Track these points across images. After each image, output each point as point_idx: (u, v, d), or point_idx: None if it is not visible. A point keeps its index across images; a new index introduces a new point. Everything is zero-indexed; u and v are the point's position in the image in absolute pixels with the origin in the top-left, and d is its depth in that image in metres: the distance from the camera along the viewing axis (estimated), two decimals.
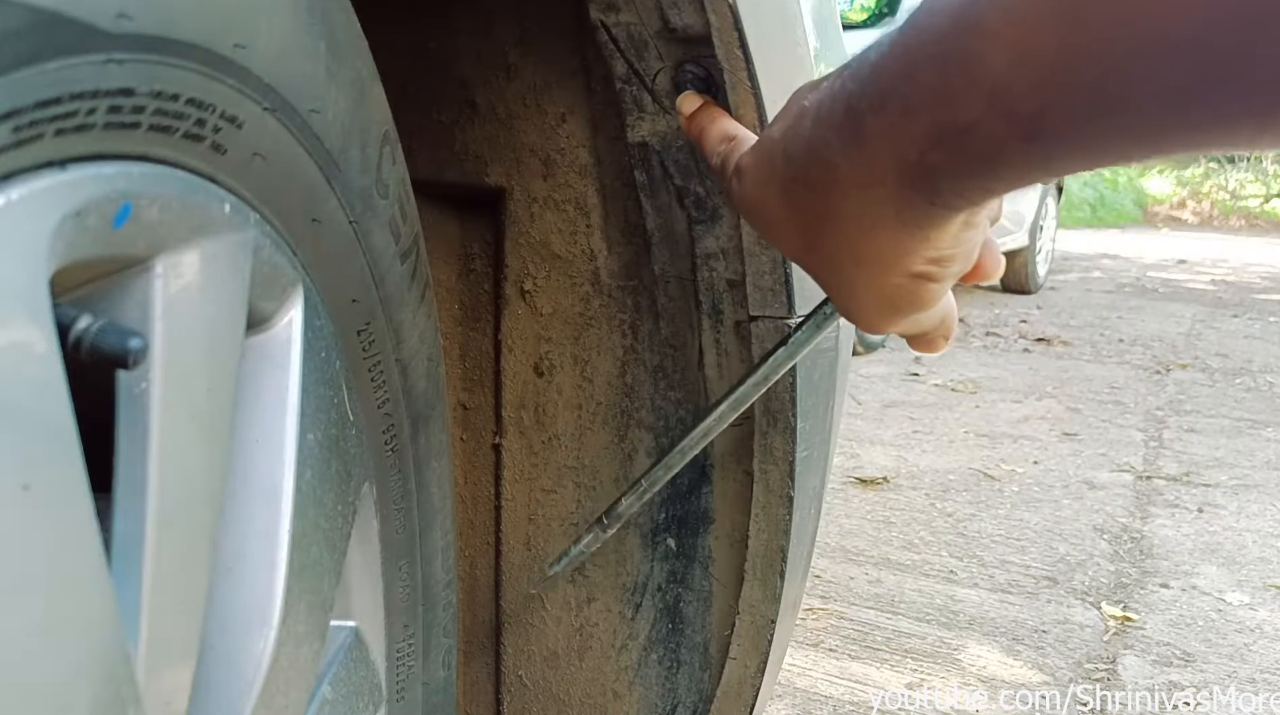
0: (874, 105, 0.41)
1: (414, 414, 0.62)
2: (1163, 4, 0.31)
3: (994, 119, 0.36)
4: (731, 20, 0.62)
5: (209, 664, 0.43)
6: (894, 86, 0.40)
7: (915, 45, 0.39)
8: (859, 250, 0.46)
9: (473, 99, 0.78)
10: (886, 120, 0.40)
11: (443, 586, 0.71)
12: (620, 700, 0.88)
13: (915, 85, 0.39)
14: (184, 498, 0.38)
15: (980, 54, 0.36)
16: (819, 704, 1.61)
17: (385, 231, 0.55)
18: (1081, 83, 0.34)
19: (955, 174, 0.40)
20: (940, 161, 0.39)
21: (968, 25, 0.36)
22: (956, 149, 0.38)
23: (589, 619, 0.87)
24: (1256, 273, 7.88)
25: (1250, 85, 0.30)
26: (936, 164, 0.40)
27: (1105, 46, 0.32)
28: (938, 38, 0.38)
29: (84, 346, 0.33)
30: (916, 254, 0.45)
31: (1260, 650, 1.84)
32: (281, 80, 0.41)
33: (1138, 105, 0.33)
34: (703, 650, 0.84)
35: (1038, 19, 0.34)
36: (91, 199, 0.32)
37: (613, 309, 0.80)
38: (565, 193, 0.79)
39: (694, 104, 0.63)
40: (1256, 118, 0.31)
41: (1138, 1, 0.31)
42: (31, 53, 0.28)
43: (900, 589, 2.04)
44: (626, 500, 0.62)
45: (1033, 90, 0.35)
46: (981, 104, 0.36)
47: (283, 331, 0.46)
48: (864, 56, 0.42)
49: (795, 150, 0.47)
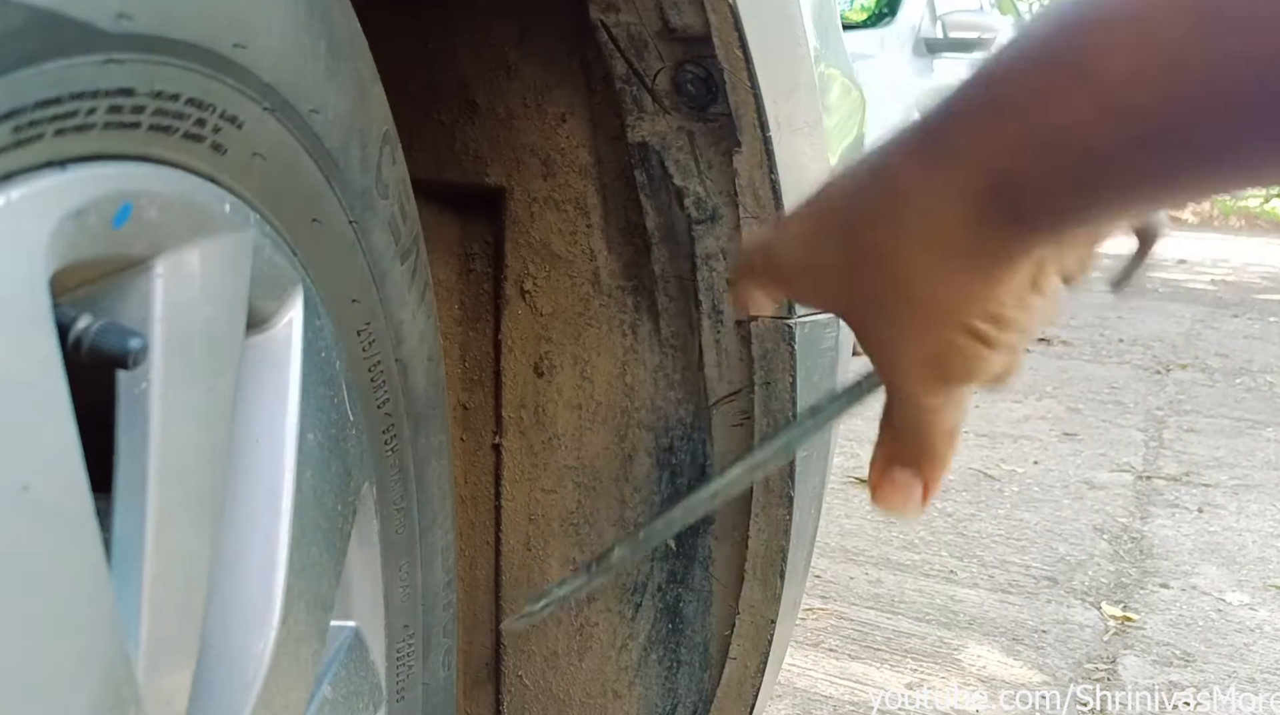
0: (958, 116, 0.37)
1: (414, 414, 0.62)
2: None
3: (1105, 121, 0.33)
4: (731, 20, 0.62)
5: (209, 664, 0.43)
6: (985, 93, 0.37)
7: (1013, 52, 0.36)
8: (915, 291, 0.41)
9: (473, 99, 0.78)
10: (973, 128, 0.37)
11: (443, 586, 0.71)
12: (620, 700, 0.88)
13: (1012, 87, 0.35)
14: (184, 498, 0.38)
15: (1096, 49, 0.32)
16: (819, 704, 1.61)
17: (385, 231, 0.55)
18: (1213, 81, 0.30)
19: (1048, 186, 0.36)
20: (1033, 170, 0.35)
21: (1080, 21, 0.33)
22: (1055, 155, 0.34)
23: (589, 619, 0.87)
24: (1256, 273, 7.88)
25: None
26: (1028, 173, 0.36)
27: (1244, 42, 0.29)
28: (1041, 40, 0.35)
29: (84, 346, 0.33)
30: (976, 303, 0.41)
31: (1260, 650, 1.84)
32: (281, 80, 0.41)
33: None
34: (703, 650, 0.84)
35: (1168, 11, 0.30)
36: (92, 199, 0.32)
37: (613, 309, 0.80)
38: (565, 193, 0.79)
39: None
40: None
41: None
42: (31, 53, 0.28)
43: (900, 589, 2.04)
44: (619, 550, 0.57)
45: (1155, 88, 0.31)
46: (1090, 104, 0.33)
47: (283, 331, 0.46)
48: (942, 95, 0.39)
49: (855, 181, 0.43)
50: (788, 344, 0.73)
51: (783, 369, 0.74)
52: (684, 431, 0.81)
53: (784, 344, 0.73)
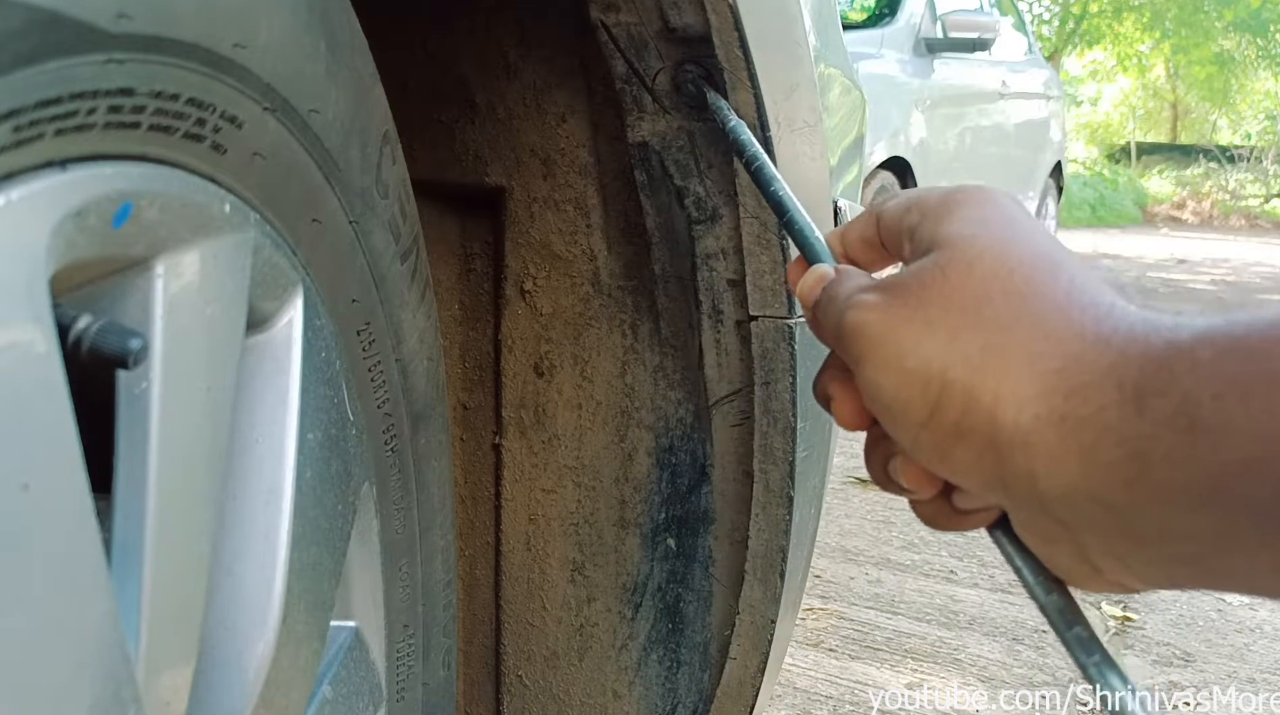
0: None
1: (414, 414, 0.62)
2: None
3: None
4: (731, 20, 0.62)
5: (209, 664, 0.43)
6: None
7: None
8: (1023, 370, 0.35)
9: (473, 99, 0.78)
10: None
11: (443, 586, 0.71)
12: (620, 700, 0.88)
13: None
14: (184, 498, 0.38)
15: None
16: (819, 704, 1.61)
17: (385, 231, 0.55)
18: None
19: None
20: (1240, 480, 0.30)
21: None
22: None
23: (589, 619, 0.87)
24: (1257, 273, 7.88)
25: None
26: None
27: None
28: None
29: (84, 346, 0.33)
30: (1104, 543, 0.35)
31: (1260, 650, 1.84)
32: (281, 80, 0.41)
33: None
34: (703, 650, 0.84)
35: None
36: (92, 199, 0.32)
37: (613, 309, 0.80)
38: (565, 193, 0.79)
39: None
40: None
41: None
42: (32, 52, 0.28)
43: (900, 589, 2.04)
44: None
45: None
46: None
47: (283, 331, 0.46)
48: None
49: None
50: (788, 344, 0.73)
51: (783, 369, 0.74)
52: (684, 431, 0.81)
53: (784, 344, 0.73)
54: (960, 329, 0.37)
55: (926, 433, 0.38)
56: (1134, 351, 0.34)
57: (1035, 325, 0.36)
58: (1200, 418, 0.31)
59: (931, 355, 0.37)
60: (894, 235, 0.44)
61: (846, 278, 0.44)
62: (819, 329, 0.44)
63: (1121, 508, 0.34)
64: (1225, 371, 0.31)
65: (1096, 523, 0.35)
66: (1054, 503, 0.35)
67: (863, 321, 0.40)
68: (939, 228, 0.40)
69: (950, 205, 0.41)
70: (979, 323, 0.37)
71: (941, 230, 0.40)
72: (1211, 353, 0.32)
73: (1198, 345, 0.32)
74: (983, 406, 0.36)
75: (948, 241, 0.39)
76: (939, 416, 0.37)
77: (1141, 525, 0.34)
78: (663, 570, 0.84)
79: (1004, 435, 0.36)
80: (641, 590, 0.85)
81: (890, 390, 0.38)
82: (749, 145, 0.60)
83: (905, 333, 0.38)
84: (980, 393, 0.36)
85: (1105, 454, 0.33)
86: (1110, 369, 0.34)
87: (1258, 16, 16.34)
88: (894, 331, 0.38)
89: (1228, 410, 0.31)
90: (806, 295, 0.46)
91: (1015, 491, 0.36)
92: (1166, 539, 0.34)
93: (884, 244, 0.45)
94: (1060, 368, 0.35)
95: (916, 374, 0.37)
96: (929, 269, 0.39)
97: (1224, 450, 0.31)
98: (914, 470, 0.40)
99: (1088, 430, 0.34)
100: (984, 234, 0.39)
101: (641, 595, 0.85)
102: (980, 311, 0.37)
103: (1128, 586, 0.38)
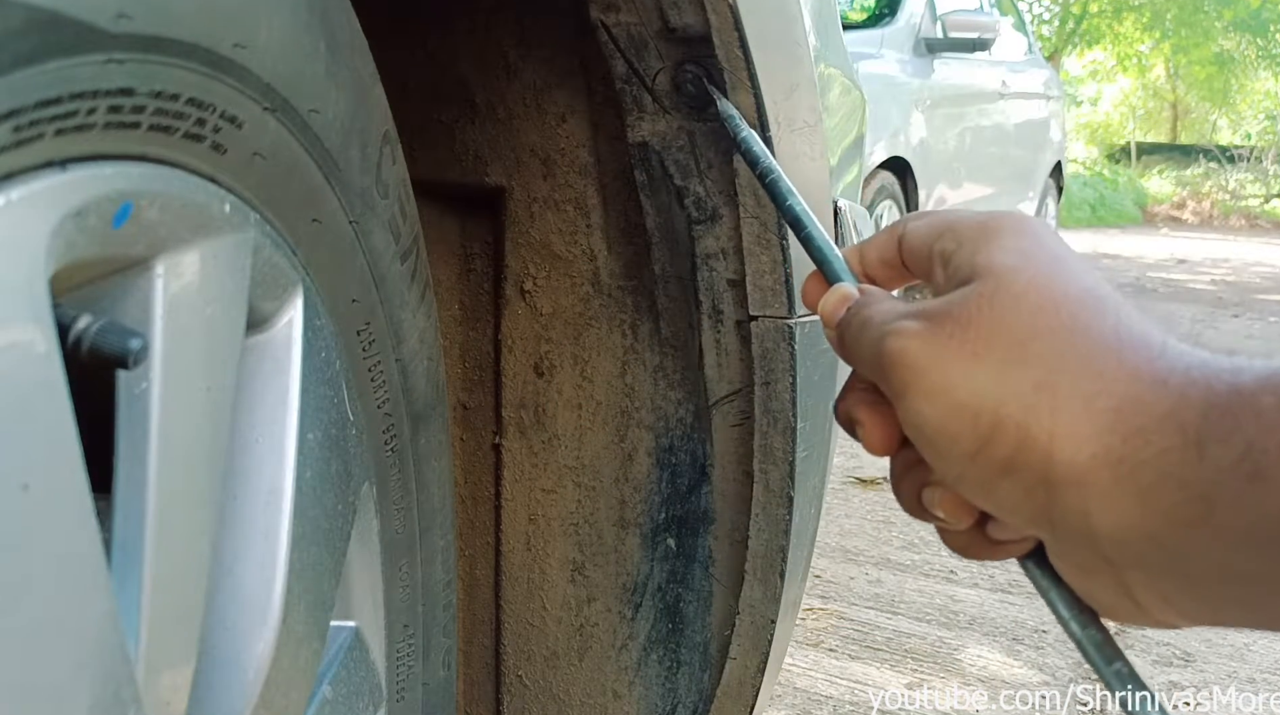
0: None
1: (414, 414, 0.62)
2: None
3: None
4: (731, 20, 0.62)
5: (209, 664, 0.43)
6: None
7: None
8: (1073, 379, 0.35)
9: (473, 99, 0.78)
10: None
11: (443, 586, 0.71)
12: (620, 700, 0.88)
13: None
14: (184, 498, 0.38)
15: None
16: (819, 704, 1.61)
17: (385, 231, 0.55)
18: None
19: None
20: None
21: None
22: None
23: (589, 619, 0.87)
24: (1257, 273, 7.88)
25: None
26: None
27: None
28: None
29: (84, 346, 0.33)
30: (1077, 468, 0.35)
31: (1260, 650, 1.84)
32: (281, 80, 0.41)
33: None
34: (703, 650, 0.84)
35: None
36: (91, 199, 0.32)
37: (613, 309, 0.80)
38: (565, 193, 0.79)
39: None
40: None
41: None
42: (32, 52, 0.28)
43: (900, 589, 2.04)
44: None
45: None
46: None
47: (283, 331, 0.46)
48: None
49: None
50: (788, 344, 0.73)
51: (783, 369, 0.74)
52: (684, 431, 0.81)
53: (784, 344, 0.73)
54: (1009, 363, 0.37)
55: (974, 466, 0.37)
56: (1195, 395, 0.34)
57: (1087, 363, 0.36)
58: (1266, 466, 0.31)
59: (983, 389, 0.37)
60: (922, 258, 0.43)
61: (875, 300, 0.43)
62: (845, 351, 0.44)
63: (1179, 548, 0.34)
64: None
65: (1148, 561, 0.35)
66: (1105, 541, 0.35)
67: (905, 349, 0.39)
68: (978, 256, 0.40)
69: (990, 233, 0.40)
70: (1028, 358, 0.36)
71: (981, 259, 0.39)
72: (1276, 400, 0.32)
73: (1261, 392, 0.32)
74: (1038, 444, 0.36)
75: (990, 272, 0.39)
76: (989, 451, 0.37)
77: (1197, 566, 0.34)
78: (663, 570, 0.84)
79: (1059, 473, 0.35)
80: (641, 590, 0.85)
81: (937, 422, 0.38)
82: (762, 158, 0.59)
83: (953, 364, 0.37)
84: (1035, 430, 0.36)
85: (1166, 497, 0.33)
86: (1171, 412, 0.34)
87: (1258, 16, 16.34)
88: (940, 362, 0.38)
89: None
90: (830, 315, 0.45)
91: (1063, 528, 0.36)
92: (1223, 580, 0.34)
93: (906, 265, 0.45)
94: (1117, 407, 0.35)
95: (967, 407, 0.37)
96: (973, 299, 0.38)
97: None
98: (952, 500, 0.40)
99: (1147, 472, 0.34)
100: (1028, 266, 0.38)
101: (641, 595, 0.85)
102: (1028, 346, 0.37)
103: (1170, 623, 0.37)
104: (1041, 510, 0.36)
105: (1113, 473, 0.34)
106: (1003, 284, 0.38)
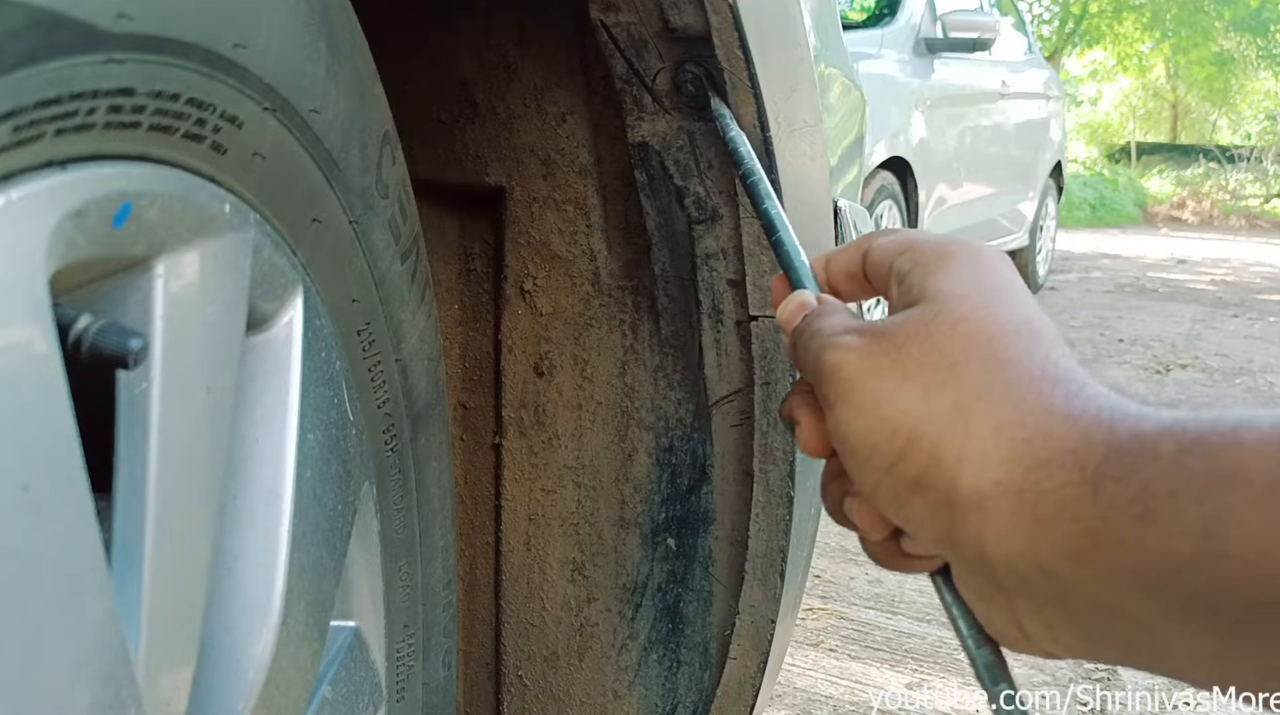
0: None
1: (414, 414, 0.62)
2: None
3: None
4: (731, 20, 0.62)
5: (209, 664, 0.43)
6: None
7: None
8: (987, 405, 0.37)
9: (473, 99, 0.78)
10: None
11: (443, 586, 0.71)
12: (620, 700, 0.88)
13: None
14: (184, 498, 0.38)
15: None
16: (819, 704, 1.61)
17: (385, 231, 0.55)
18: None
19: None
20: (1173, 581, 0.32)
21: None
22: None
23: (589, 619, 0.87)
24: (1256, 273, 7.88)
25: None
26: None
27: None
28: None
29: (84, 346, 0.33)
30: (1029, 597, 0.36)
31: None
32: (281, 80, 0.41)
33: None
34: (703, 650, 0.84)
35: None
36: (92, 199, 0.32)
37: (613, 309, 0.80)
38: (565, 193, 0.79)
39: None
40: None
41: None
42: (32, 53, 0.28)
43: (900, 589, 2.04)
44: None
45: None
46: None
47: (283, 331, 0.46)
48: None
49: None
50: None
51: (783, 369, 0.74)
52: (684, 431, 0.81)
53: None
54: (934, 386, 0.38)
55: (887, 480, 0.39)
56: (1099, 435, 0.35)
57: (1008, 394, 0.37)
58: (1154, 509, 0.32)
59: (903, 407, 0.38)
60: (881, 275, 0.45)
61: (829, 312, 0.45)
62: (795, 357, 0.45)
63: (1065, 580, 0.35)
64: (1183, 467, 0.32)
65: (1036, 590, 0.36)
66: (998, 566, 0.36)
67: (841, 362, 0.40)
68: (929, 280, 0.41)
69: (944, 259, 0.42)
70: (952, 382, 0.38)
71: (931, 284, 0.41)
72: (1173, 448, 0.33)
73: (1161, 439, 0.33)
74: (946, 465, 0.37)
75: (936, 297, 0.40)
76: (901, 467, 0.38)
77: (1081, 600, 0.35)
78: (663, 570, 0.84)
79: (961, 495, 0.37)
80: (641, 590, 0.85)
81: (858, 434, 0.39)
82: (746, 159, 0.60)
83: (882, 381, 0.39)
84: (945, 451, 0.37)
85: (1059, 529, 0.34)
86: (1074, 450, 0.35)
87: (1258, 16, 16.34)
88: (870, 378, 0.39)
89: (1180, 506, 0.32)
90: (787, 321, 0.46)
91: (962, 550, 0.37)
92: (1103, 616, 0.35)
93: (868, 278, 0.46)
94: (1027, 438, 0.36)
95: (886, 422, 0.38)
96: (914, 322, 0.40)
97: (1173, 541, 0.32)
98: (868, 512, 0.41)
99: (1045, 504, 0.35)
100: (972, 296, 0.40)
101: (641, 595, 0.85)
102: (955, 371, 0.38)
103: (1054, 654, 0.39)
104: (944, 530, 0.38)
105: (1012, 502, 0.35)
106: (944, 310, 0.40)
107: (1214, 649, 0.33)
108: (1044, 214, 6.26)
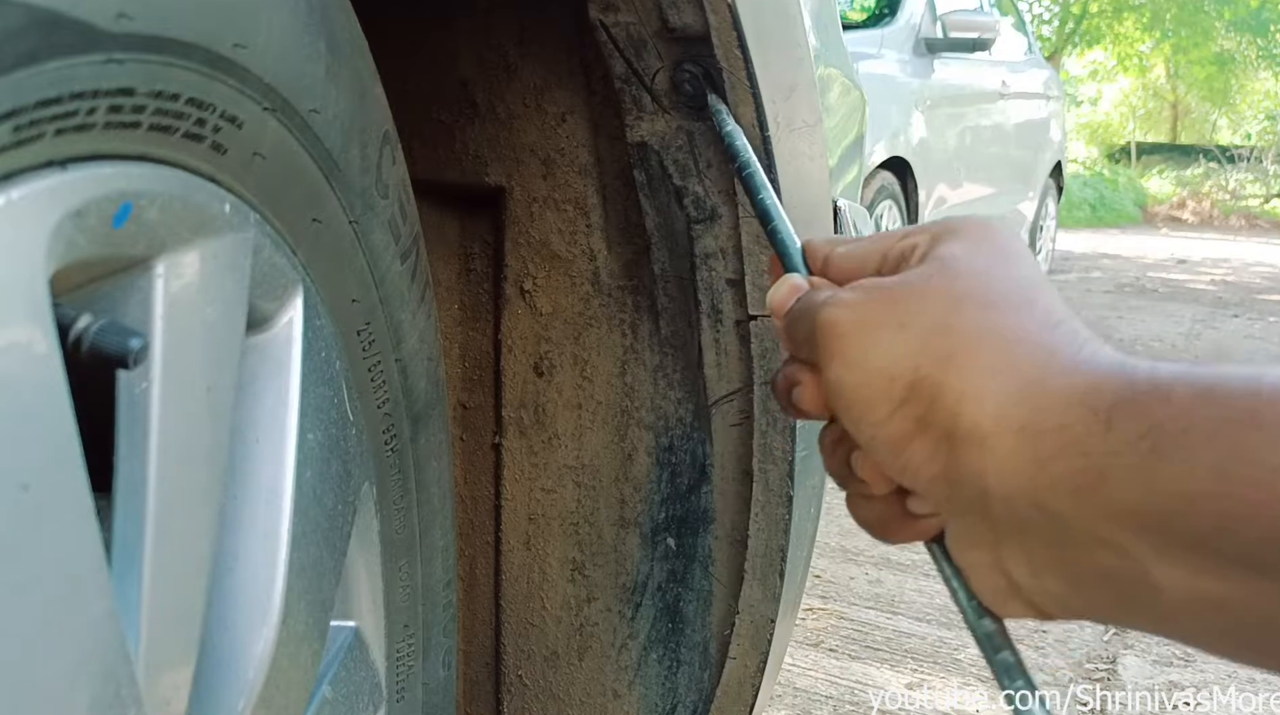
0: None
1: (414, 414, 0.62)
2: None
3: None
4: (730, 20, 0.62)
5: (209, 664, 0.43)
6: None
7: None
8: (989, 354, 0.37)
9: (473, 99, 0.78)
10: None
11: (443, 586, 0.71)
12: (620, 700, 0.88)
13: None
14: (184, 498, 0.38)
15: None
16: (819, 704, 1.61)
17: (385, 231, 0.55)
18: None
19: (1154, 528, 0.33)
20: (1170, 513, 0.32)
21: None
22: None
23: (589, 619, 0.87)
24: (1256, 273, 7.88)
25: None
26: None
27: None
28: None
29: (84, 346, 0.34)
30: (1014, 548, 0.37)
31: None
32: (281, 80, 0.41)
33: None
34: (703, 650, 0.84)
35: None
36: (92, 199, 0.32)
37: (613, 309, 0.80)
38: (565, 193, 0.79)
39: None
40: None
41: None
42: (32, 52, 0.28)
43: (900, 589, 2.04)
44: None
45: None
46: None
47: (283, 331, 0.46)
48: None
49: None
50: None
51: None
52: (684, 431, 0.81)
53: None
54: (933, 332, 0.38)
55: (886, 428, 0.39)
56: (1111, 383, 0.35)
57: (1012, 339, 0.37)
58: (1165, 446, 0.33)
59: (902, 353, 0.38)
60: (894, 262, 0.44)
61: (822, 288, 0.45)
62: (788, 339, 0.45)
63: (1064, 518, 0.35)
64: (1197, 409, 0.33)
65: (1031, 530, 0.36)
66: (996, 504, 0.37)
67: (838, 318, 0.41)
68: (935, 247, 0.42)
69: (953, 229, 0.42)
70: (951, 329, 0.38)
71: (936, 249, 0.42)
72: (1187, 392, 0.33)
73: (1176, 384, 0.34)
74: (946, 402, 0.37)
75: (937, 257, 0.41)
76: (902, 412, 0.38)
77: (1078, 540, 0.35)
78: (663, 570, 0.84)
79: (962, 431, 0.37)
80: (641, 590, 0.85)
81: (855, 385, 0.40)
82: (742, 152, 0.60)
83: (878, 332, 0.39)
84: (946, 390, 0.37)
85: (1063, 464, 0.35)
86: (1082, 398, 0.35)
87: (1258, 16, 16.33)
88: (866, 329, 0.40)
89: (1193, 444, 0.32)
90: (779, 304, 0.46)
91: (960, 488, 0.38)
92: (1099, 559, 0.35)
93: (879, 272, 0.46)
94: (1026, 383, 0.36)
95: (884, 370, 0.39)
96: (912, 278, 0.41)
97: (1183, 480, 0.32)
98: (873, 465, 0.42)
99: (1046, 443, 0.35)
100: (973, 256, 0.40)
101: (641, 595, 0.85)
102: (952, 319, 0.38)
103: (1039, 607, 0.39)
104: (942, 471, 0.38)
105: (1014, 438, 0.36)
106: (945, 267, 0.40)
107: (1213, 592, 0.33)
108: (1044, 214, 6.26)
